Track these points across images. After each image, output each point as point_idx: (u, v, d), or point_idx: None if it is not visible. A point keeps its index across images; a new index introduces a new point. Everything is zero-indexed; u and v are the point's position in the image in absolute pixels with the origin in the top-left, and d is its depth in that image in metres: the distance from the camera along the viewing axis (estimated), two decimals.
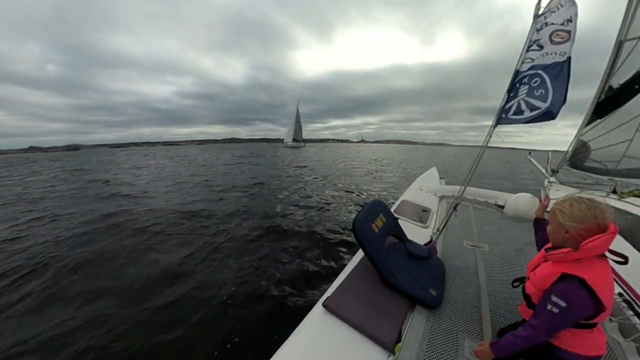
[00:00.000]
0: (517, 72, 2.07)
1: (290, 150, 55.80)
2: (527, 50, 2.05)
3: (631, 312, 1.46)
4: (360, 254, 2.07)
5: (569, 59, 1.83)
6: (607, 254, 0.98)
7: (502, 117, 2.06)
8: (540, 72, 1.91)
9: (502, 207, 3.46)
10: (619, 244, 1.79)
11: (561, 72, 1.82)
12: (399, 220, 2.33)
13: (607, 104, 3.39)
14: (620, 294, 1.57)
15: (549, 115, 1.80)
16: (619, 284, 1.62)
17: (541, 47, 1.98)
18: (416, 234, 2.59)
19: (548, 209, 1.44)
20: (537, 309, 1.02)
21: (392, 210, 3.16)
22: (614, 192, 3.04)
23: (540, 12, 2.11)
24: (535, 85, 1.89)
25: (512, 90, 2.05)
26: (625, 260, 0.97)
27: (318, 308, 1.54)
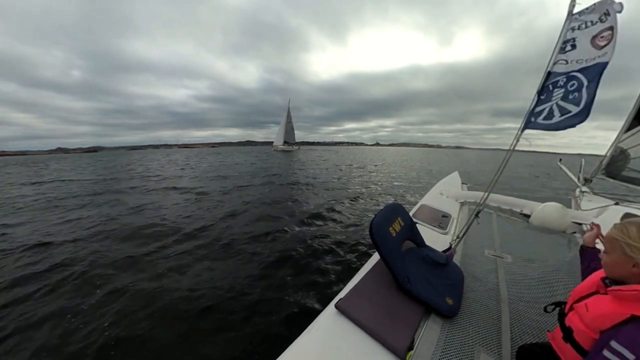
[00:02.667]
0: (549, 74, 1.95)
1: (280, 155, 44.72)
2: (561, 51, 1.93)
3: None
4: (375, 256, 2.03)
5: (607, 63, 1.68)
6: None
7: (531, 121, 1.95)
8: (578, 74, 1.79)
9: (528, 216, 3.29)
10: None
11: (597, 74, 1.70)
12: (417, 225, 2.27)
13: None
14: None
15: (578, 118, 1.69)
16: None
17: (575, 47, 1.86)
18: (435, 240, 2.51)
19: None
20: (592, 356, 0.83)
21: (410, 214, 3.09)
22: None
23: (576, 9, 1.98)
24: (572, 88, 1.77)
25: (544, 92, 1.93)
26: None
27: (330, 309, 1.53)
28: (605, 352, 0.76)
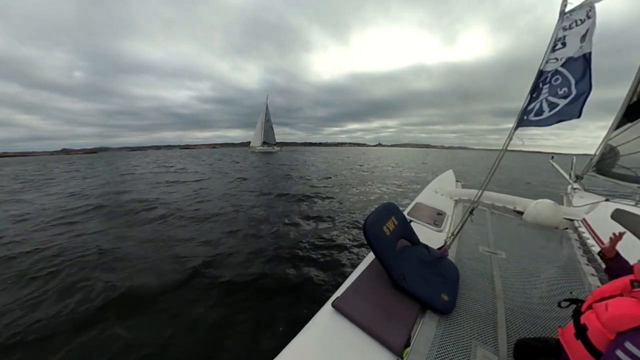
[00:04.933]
0: (541, 72, 1.98)
1: (258, 157, 39.49)
2: (553, 50, 1.96)
3: None
4: (371, 255, 2.04)
5: (589, 53, 1.72)
6: None
7: (524, 119, 1.98)
8: (560, 68, 1.83)
9: (522, 213, 3.34)
10: None
11: (582, 65, 1.72)
12: (412, 223, 2.29)
13: (639, 106, 3.19)
14: None
15: (570, 113, 1.70)
16: None
17: (565, 45, 1.89)
18: (430, 237, 2.53)
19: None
20: (606, 356, 0.82)
21: (405, 212, 3.11)
22: None
23: (567, 8, 2.01)
24: (557, 83, 1.81)
25: (535, 90, 1.97)
26: None
27: (327, 308, 1.53)
28: (619, 353, 0.75)
